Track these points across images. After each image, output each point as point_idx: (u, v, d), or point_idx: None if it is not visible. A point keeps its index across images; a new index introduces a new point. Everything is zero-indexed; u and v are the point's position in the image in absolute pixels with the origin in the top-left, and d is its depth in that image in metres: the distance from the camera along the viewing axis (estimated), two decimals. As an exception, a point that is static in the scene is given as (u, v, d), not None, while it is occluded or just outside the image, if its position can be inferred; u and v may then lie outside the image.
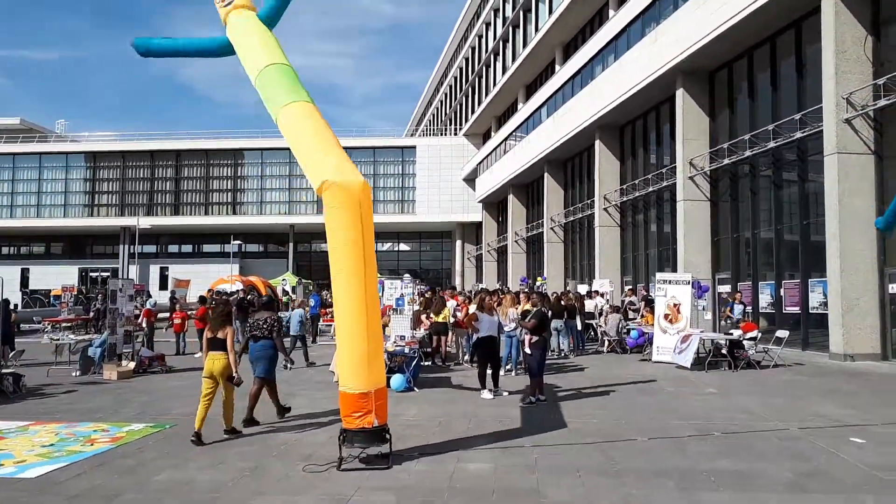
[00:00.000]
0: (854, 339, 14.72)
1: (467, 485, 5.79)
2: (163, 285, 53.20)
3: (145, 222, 51.82)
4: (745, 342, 13.77)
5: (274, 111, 7.52)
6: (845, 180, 14.79)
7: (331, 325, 24.30)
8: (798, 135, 16.62)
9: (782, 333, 14.25)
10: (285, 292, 40.15)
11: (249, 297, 18.93)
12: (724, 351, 13.92)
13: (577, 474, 6.07)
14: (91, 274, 57.99)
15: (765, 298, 18.72)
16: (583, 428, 8.06)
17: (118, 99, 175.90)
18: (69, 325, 23.25)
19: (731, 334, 14.21)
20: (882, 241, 14.85)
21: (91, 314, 22.93)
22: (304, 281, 44.80)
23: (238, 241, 48.82)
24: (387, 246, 62.67)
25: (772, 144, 17.64)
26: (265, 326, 8.67)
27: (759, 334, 14.33)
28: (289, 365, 11.67)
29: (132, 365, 13.01)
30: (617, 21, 25.40)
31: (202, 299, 18.04)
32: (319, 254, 62.65)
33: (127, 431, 7.91)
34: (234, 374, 7.65)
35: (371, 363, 6.60)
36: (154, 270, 56.00)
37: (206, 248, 60.73)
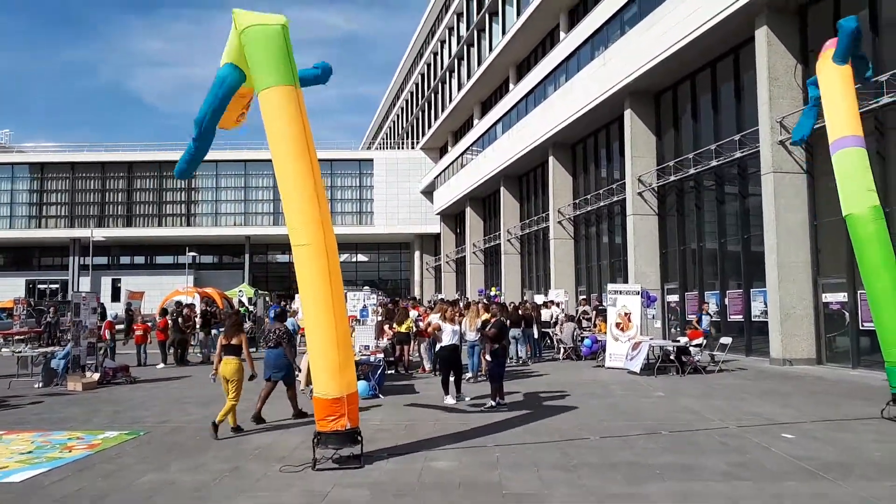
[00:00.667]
0: (791, 344, 15.72)
1: (435, 480, 6.27)
2: (115, 297, 52.14)
3: (98, 234, 50.81)
4: (691, 348, 14.62)
5: (258, 84, 7.50)
6: (781, 197, 15.86)
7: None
8: (737, 154, 17.70)
9: (726, 340, 15.17)
10: (242, 304, 39.94)
11: (213, 309, 19.01)
12: (672, 357, 14.72)
13: (535, 469, 6.61)
14: (39, 286, 56.45)
15: (710, 307, 19.71)
16: (540, 429, 8.63)
17: (62, 108, 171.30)
18: (22, 338, 22.83)
19: (679, 341, 15.06)
20: (816, 254, 15.94)
21: (42, 327, 22.61)
22: (260, 292, 44.63)
23: (193, 253, 48.26)
24: (344, 257, 62.73)
25: (714, 163, 18.71)
26: (273, 337, 9.56)
27: (705, 341, 15.18)
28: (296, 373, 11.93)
29: (97, 376, 13.08)
30: (567, 43, 26.42)
31: (164, 311, 18.14)
32: (276, 265, 62.31)
33: (102, 439, 8.14)
34: (253, 373, 8.95)
35: (343, 370, 7.04)
36: (106, 282, 54.84)
37: (160, 259, 59.80)
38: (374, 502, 5.63)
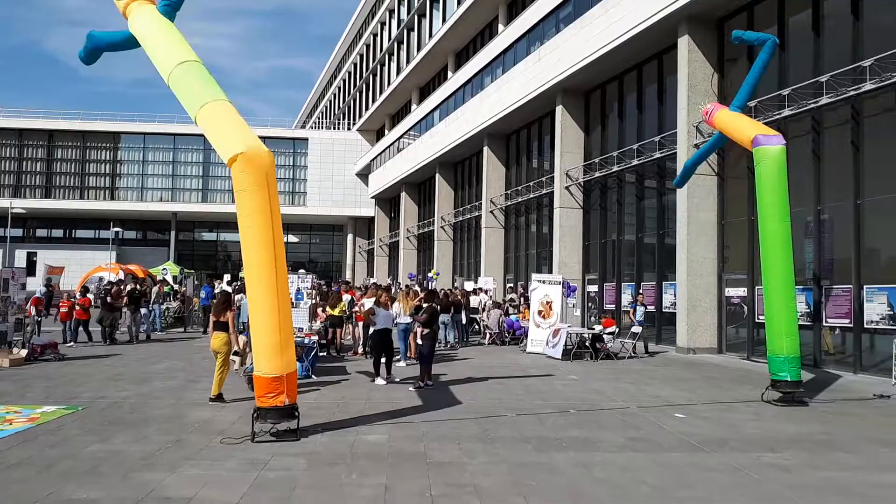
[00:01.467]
0: (696, 334, 17.09)
1: (366, 451, 6.91)
2: (30, 271, 50.01)
3: (16, 204, 48.55)
4: (604, 336, 15.73)
5: (192, 111, 7.96)
6: (693, 197, 17.13)
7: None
8: (657, 154, 18.92)
9: (636, 329, 16.37)
10: (166, 282, 39.27)
11: (143, 288, 18.92)
12: (587, 343, 15.80)
13: (457, 442, 7.34)
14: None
15: (626, 298, 21.04)
16: (463, 407, 9.38)
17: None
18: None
19: (594, 329, 16.16)
20: (722, 250, 17.33)
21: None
22: (186, 270, 43.89)
23: (117, 229, 46.89)
24: (274, 237, 62.05)
25: (636, 162, 19.91)
26: (422, 313, 11.14)
27: (618, 329, 16.34)
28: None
29: (24, 352, 13.03)
30: (505, 37, 27.20)
31: (85, 289, 17.82)
32: (203, 243, 61.15)
33: (41, 413, 8.37)
34: (237, 347, 9.89)
35: (283, 350, 7.54)
36: (20, 255, 52.51)
37: (80, 233, 57.74)
38: (310, 468, 6.22)
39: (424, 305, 11.44)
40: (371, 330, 11.80)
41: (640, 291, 19.07)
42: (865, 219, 13.59)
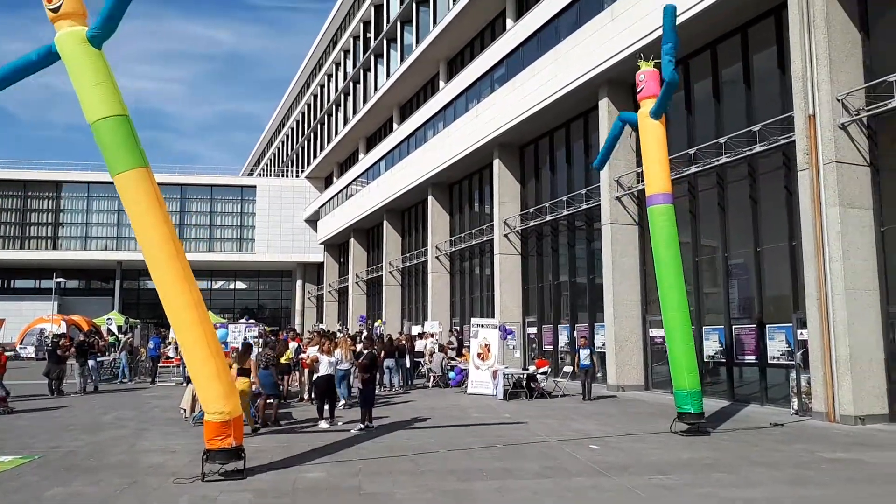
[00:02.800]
0: (624, 372, 18.33)
1: (306, 486, 7.70)
2: (-35, 324, 48.61)
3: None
4: (538, 376, 16.81)
5: (112, 170, 8.40)
6: (617, 244, 18.57)
7: (168, 367, 24.72)
8: (584, 206, 20.42)
9: (567, 369, 17.55)
10: (111, 332, 38.93)
11: (90, 339, 19.18)
12: (523, 384, 16.83)
13: (390, 475, 8.20)
14: None
15: (563, 339, 22.26)
16: (399, 445, 10.23)
17: None
18: None
19: (528, 369, 17.24)
20: (645, 293, 18.73)
21: None
22: (132, 320, 43.48)
23: (60, 279, 46.15)
24: (221, 283, 61.86)
25: (566, 212, 21.39)
26: (265, 361, 12.65)
27: (550, 369, 17.45)
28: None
29: (-27, 407, 13.28)
30: (445, 93, 28.81)
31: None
32: (148, 291, 60.26)
33: (-2, 463, 8.87)
34: (256, 387, 11.78)
35: (228, 397, 8.32)
36: (-44, 308, 50.93)
37: (20, 283, 56.42)
38: (256, 502, 6.98)
39: (364, 352, 12.31)
40: (315, 376, 12.56)
41: (582, 335, 18.99)
42: (764, 264, 15.16)
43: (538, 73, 21.17)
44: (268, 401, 12.32)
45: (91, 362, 18.48)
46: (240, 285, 62.97)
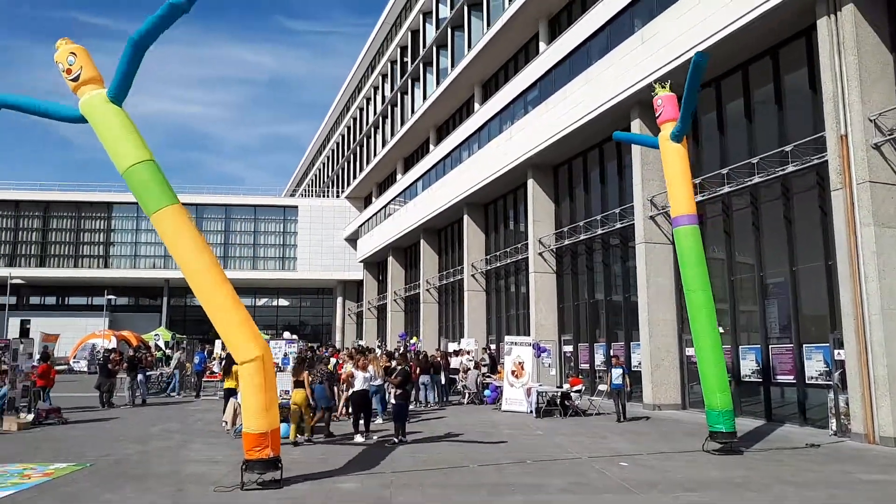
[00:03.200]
0: (660, 391, 18.26)
1: (339, 497, 8.05)
2: (23, 338, 50.66)
3: (12, 273, 49.63)
4: (572, 394, 16.90)
5: (146, 210, 9.13)
6: (651, 263, 18.60)
7: (211, 381, 25.46)
8: (618, 225, 20.52)
9: (602, 387, 17.55)
10: (158, 347, 40.18)
11: (138, 354, 19.98)
12: (556, 402, 16.94)
13: (420, 488, 8.49)
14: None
15: (599, 357, 22.26)
16: (431, 459, 10.51)
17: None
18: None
19: (561, 387, 17.33)
20: (681, 311, 18.67)
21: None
22: (178, 336, 44.77)
23: (111, 296, 47.89)
24: (264, 301, 63.18)
25: (600, 231, 21.50)
26: (319, 376, 13.23)
27: (584, 388, 17.51)
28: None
29: (31, 417, 14.04)
30: (480, 116, 29.27)
31: (45, 356, 17.97)
32: (194, 308, 61.95)
33: (54, 469, 9.45)
34: (312, 401, 12.65)
35: (269, 410, 8.75)
36: (14, 323, 53.19)
37: (73, 300, 58.59)
38: (291, 510, 7.36)
39: (398, 368, 12.66)
40: (350, 391, 12.94)
41: (614, 353, 18.90)
42: (800, 284, 15.06)
43: (570, 96, 21.44)
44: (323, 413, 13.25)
45: (140, 376, 19.23)
46: (282, 302, 64.18)
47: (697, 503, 7.75)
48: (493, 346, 26.93)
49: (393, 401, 12.38)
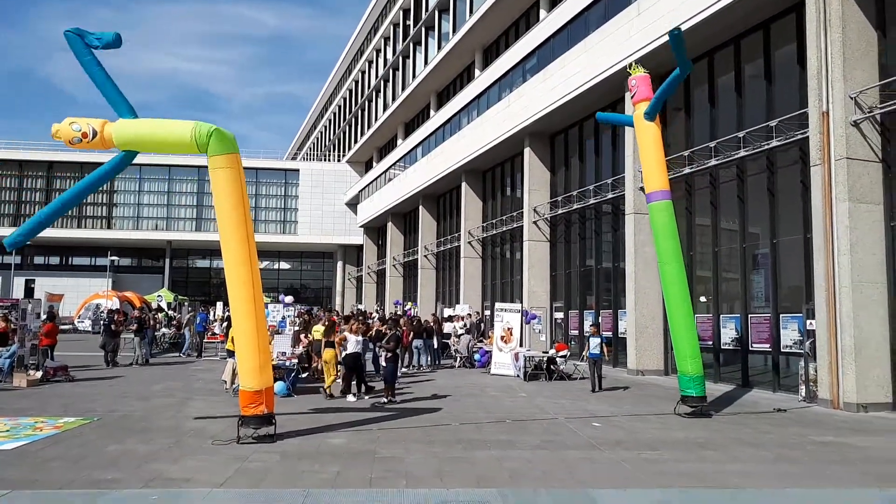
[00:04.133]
0: (644, 358, 18.91)
1: (328, 450, 8.69)
2: (28, 297, 51.60)
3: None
4: (557, 359, 17.55)
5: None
6: (639, 234, 19.07)
7: (213, 342, 26.19)
8: (610, 195, 20.94)
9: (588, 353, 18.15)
10: (160, 308, 40.98)
11: (144, 315, 20.62)
12: (543, 366, 17.60)
13: (403, 443, 9.13)
14: (-54, 285, 55.05)
15: (587, 324, 22.86)
16: (416, 418, 11.16)
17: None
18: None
19: (547, 352, 17.98)
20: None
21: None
22: (180, 297, 45.55)
23: (113, 257, 48.56)
24: (265, 264, 63.87)
25: (592, 200, 21.93)
26: (388, 340, 13.70)
27: (569, 353, 18.15)
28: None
29: (39, 374, 14.74)
30: (479, 83, 29.42)
31: (51, 316, 18.48)
32: (196, 269, 62.85)
33: (64, 423, 10.12)
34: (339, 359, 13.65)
35: (262, 370, 9.35)
36: (18, 282, 54.05)
37: (77, 261, 59.32)
38: (282, 461, 8.00)
39: (388, 333, 13.26)
40: (343, 353, 13.57)
41: (592, 323, 18.15)
42: (780, 256, 15.55)
43: (567, 65, 21.65)
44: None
45: (146, 337, 19.90)
46: (283, 266, 64.86)
47: (655, 460, 8.37)
48: (487, 313, 27.57)
49: (384, 363, 13.00)
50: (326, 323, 14.83)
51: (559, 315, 24.86)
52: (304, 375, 16.25)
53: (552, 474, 7.59)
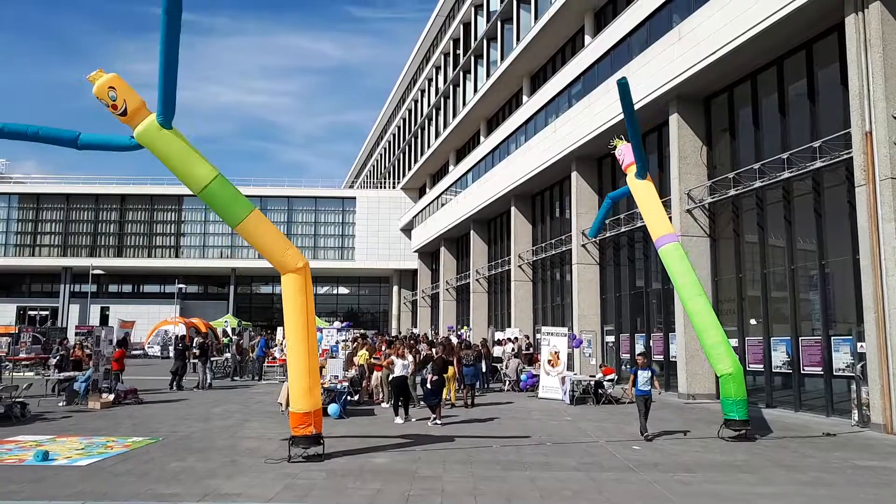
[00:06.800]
0: (695, 381, 18.77)
1: (371, 468, 9.18)
2: (103, 324, 54.41)
3: (90, 263, 53.28)
4: (605, 383, 17.63)
5: (232, 224, 9.96)
6: (688, 255, 18.99)
7: (272, 367, 27.21)
8: (656, 218, 20.96)
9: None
10: (226, 334, 42.58)
11: (206, 340, 21.69)
12: (590, 390, 17.69)
13: (443, 463, 9.54)
14: (30, 312, 58.61)
15: (639, 347, 22.80)
16: (459, 440, 11.55)
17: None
18: (28, 363, 25.36)
19: (594, 376, 18.08)
20: (716, 305, 19.07)
21: (52, 356, 24.85)
22: (244, 323, 47.25)
23: (181, 285, 50.85)
24: (325, 289, 65.47)
25: (640, 223, 21.93)
26: (472, 357, 16.34)
27: (617, 377, 18.19)
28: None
29: (111, 397, 15.82)
30: (526, 109, 29.93)
31: (121, 343, 19.34)
32: (259, 296, 65.01)
33: (132, 442, 10.95)
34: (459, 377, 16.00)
35: (311, 391, 9.96)
36: (94, 310, 57.07)
37: (147, 288, 62.24)
38: (328, 479, 8.54)
39: (435, 356, 13.74)
40: (390, 377, 14.11)
41: (640, 353, 16.81)
42: (830, 277, 15.33)
43: (611, 90, 21.86)
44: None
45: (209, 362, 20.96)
46: (342, 290, 66.37)
47: (688, 482, 8.52)
48: (538, 336, 27.68)
49: (429, 386, 13.46)
50: (371, 347, 15.43)
51: (610, 339, 24.82)
52: (355, 398, 16.83)
53: (582, 494, 7.86)
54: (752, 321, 17.52)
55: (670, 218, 19.84)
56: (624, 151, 14.71)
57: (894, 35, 13.17)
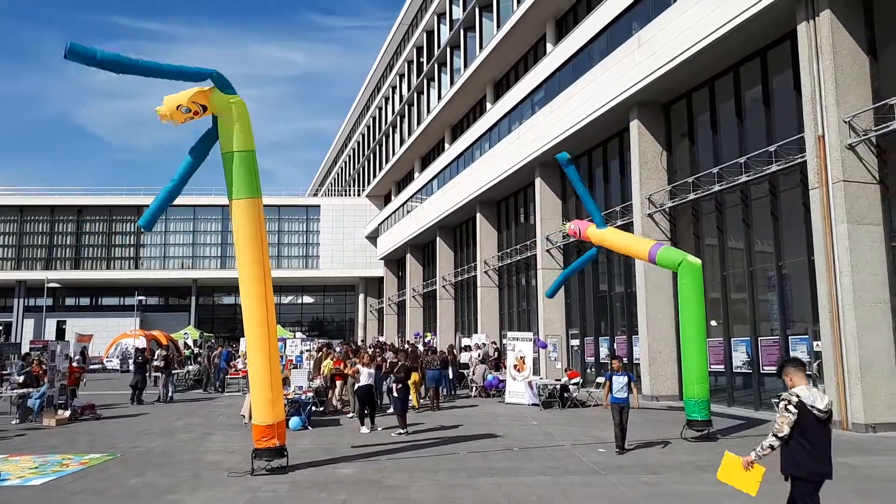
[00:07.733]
0: (658, 383, 19.01)
1: (336, 479, 9.05)
2: (59, 338, 52.88)
3: (45, 276, 51.76)
4: (570, 386, 17.74)
5: (232, 194, 9.66)
6: (649, 260, 19.30)
7: (235, 378, 26.73)
8: (619, 222, 21.23)
9: (600, 379, 18.30)
10: (187, 346, 41.75)
11: (169, 353, 21.18)
12: (556, 394, 17.79)
13: (409, 472, 9.46)
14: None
15: (603, 351, 23.03)
16: (425, 447, 11.48)
17: (7, 139, 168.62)
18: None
19: (560, 380, 18.18)
20: (677, 306, 19.34)
21: (17, 373, 23.88)
22: (206, 334, 46.38)
23: (141, 297, 49.72)
24: (290, 299, 64.71)
25: (602, 228, 22.20)
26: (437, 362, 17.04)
27: (581, 380, 18.33)
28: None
29: (67, 413, 15.34)
30: (490, 116, 30.12)
31: (74, 357, 18.78)
32: (222, 307, 63.91)
33: (89, 459, 10.62)
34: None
35: (274, 404, 9.78)
36: (50, 324, 55.45)
37: (106, 301, 60.73)
38: (292, 490, 8.38)
39: (399, 364, 13.65)
40: (356, 386, 13.97)
41: (616, 356, 15.53)
42: (787, 278, 15.70)
43: (574, 97, 22.17)
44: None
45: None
46: (307, 299, 65.66)
47: (653, 483, 8.60)
48: (504, 341, 27.76)
49: (395, 394, 13.35)
50: (335, 357, 15.26)
51: (575, 342, 25.01)
52: (320, 409, 16.62)
53: (548, 498, 7.86)
54: (713, 322, 17.82)
55: (631, 223, 20.27)
56: (577, 226, 15.62)
57: (844, 42, 13.57)
